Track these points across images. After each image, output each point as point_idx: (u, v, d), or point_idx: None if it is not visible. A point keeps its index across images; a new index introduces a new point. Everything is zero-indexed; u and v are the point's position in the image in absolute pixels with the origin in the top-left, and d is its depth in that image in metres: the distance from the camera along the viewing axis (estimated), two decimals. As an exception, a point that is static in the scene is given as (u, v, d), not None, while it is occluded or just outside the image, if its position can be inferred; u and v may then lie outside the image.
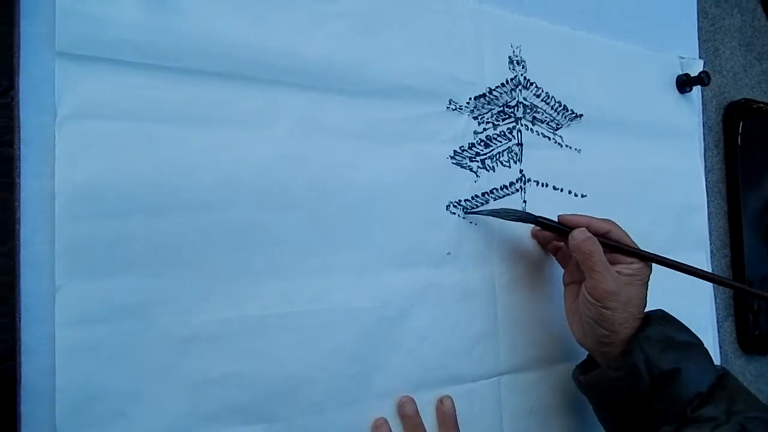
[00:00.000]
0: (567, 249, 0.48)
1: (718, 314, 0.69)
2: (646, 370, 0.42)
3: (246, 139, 0.40)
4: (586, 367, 0.49)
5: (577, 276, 0.48)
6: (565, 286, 0.50)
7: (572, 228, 0.47)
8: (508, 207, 0.50)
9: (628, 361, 0.43)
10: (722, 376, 0.43)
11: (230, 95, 0.40)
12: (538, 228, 0.50)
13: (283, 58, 0.42)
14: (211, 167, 0.39)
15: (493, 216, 0.49)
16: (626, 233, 0.47)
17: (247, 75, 0.40)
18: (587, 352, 0.49)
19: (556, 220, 0.49)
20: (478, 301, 0.49)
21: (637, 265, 0.46)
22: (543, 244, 0.53)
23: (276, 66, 0.41)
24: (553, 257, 0.53)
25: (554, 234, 0.49)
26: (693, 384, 0.42)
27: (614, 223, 0.48)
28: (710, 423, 0.40)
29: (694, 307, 0.65)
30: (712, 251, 0.70)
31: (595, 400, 0.47)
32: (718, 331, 0.69)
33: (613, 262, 0.45)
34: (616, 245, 0.46)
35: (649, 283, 0.46)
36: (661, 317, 0.45)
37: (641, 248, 0.47)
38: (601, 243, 0.45)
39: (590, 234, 0.45)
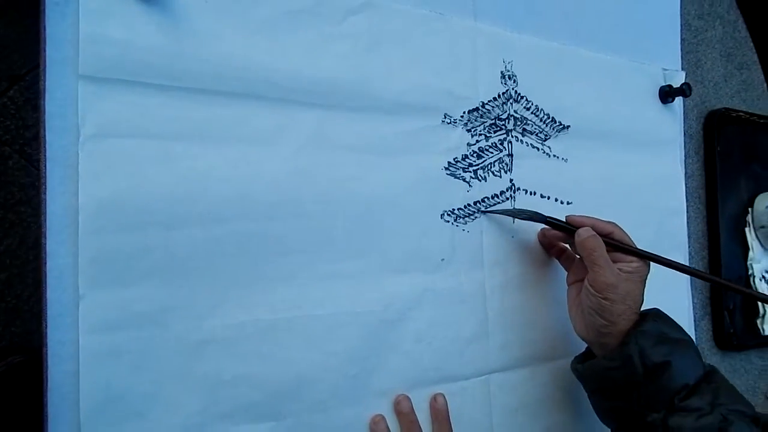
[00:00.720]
0: (571, 250, 0.51)
1: (695, 313, 0.72)
2: (640, 362, 0.45)
3: (258, 155, 0.42)
4: (583, 358, 0.52)
5: (580, 274, 0.51)
6: (569, 286, 0.54)
7: (578, 227, 0.50)
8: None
9: (624, 352, 0.46)
10: (709, 372, 0.47)
11: (243, 114, 0.42)
12: (547, 228, 0.54)
13: (293, 78, 0.44)
14: (224, 182, 0.41)
15: (507, 215, 0.53)
16: (627, 235, 0.51)
17: (258, 94, 0.42)
18: (578, 349, 0.53)
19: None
20: (470, 304, 0.52)
21: (636, 263, 0.49)
22: (548, 245, 0.56)
23: (286, 86, 0.44)
24: (543, 263, 0.56)
25: (561, 234, 0.53)
26: (681, 376, 0.45)
27: (617, 225, 0.51)
28: (695, 413, 0.43)
29: (673, 306, 0.65)
30: (690, 254, 0.73)
31: (589, 388, 0.51)
32: (695, 330, 0.72)
33: (614, 260, 0.48)
34: (617, 244, 0.49)
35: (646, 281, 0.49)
36: (657, 315, 0.49)
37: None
38: (604, 242, 0.48)
39: (594, 232, 0.49)
